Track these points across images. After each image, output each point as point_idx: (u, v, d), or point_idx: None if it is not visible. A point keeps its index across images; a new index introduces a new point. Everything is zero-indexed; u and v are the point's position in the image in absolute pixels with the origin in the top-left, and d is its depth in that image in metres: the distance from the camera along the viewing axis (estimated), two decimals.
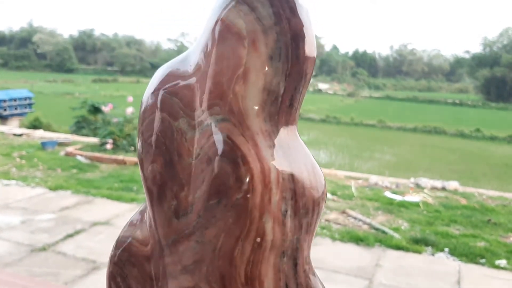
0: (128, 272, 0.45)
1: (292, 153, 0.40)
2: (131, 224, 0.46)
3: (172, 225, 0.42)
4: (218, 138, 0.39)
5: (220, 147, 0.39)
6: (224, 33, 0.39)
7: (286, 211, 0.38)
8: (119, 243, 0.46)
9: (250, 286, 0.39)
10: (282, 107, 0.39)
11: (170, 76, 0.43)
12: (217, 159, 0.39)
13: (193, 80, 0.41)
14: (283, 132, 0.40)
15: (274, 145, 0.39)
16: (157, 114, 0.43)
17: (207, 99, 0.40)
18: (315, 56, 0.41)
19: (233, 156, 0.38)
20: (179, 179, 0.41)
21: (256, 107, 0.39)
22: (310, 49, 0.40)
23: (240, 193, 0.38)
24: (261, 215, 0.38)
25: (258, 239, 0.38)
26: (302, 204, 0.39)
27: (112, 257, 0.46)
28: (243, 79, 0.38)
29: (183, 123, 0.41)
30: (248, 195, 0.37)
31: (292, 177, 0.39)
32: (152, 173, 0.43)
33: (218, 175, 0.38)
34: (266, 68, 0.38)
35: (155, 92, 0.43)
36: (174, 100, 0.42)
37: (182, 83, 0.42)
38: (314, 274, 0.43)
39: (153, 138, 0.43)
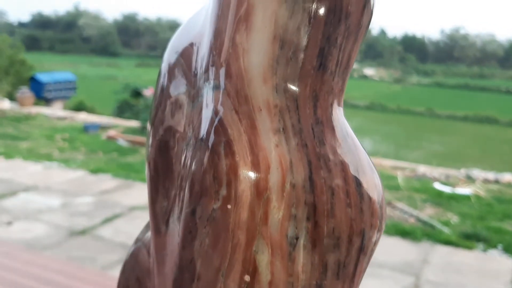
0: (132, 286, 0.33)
1: (320, 145, 0.24)
2: (147, 226, 0.35)
3: (161, 234, 0.29)
4: (206, 114, 0.25)
5: (203, 128, 0.25)
6: None
7: (297, 238, 0.23)
8: (131, 247, 0.35)
9: None
10: (305, 69, 0.24)
11: (183, 31, 0.30)
12: (197, 146, 0.25)
13: (199, 31, 0.27)
14: (307, 110, 0.24)
15: (285, 130, 0.23)
16: (161, 79, 0.31)
17: (205, 56, 0.26)
18: None
19: (215, 142, 0.24)
20: (171, 172, 0.28)
21: (263, 68, 0.23)
22: None
23: (218, 202, 0.24)
24: (250, 241, 0.23)
25: (247, 278, 0.23)
26: (328, 230, 0.23)
27: (123, 264, 0.35)
28: (246, 23, 0.23)
29: (183, 93, 0.28)
30: (229, 206, 0.23)
31: (311, 184, 0.23)
32: (148, 161, 0.31)
33: (195, 171, 0.24)
34: (278, 3, 0.23)
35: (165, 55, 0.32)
36: (179, 61, 0.29)
37: (188, 38, 0.29)
38: None
39: (153, 112, 0.30)
